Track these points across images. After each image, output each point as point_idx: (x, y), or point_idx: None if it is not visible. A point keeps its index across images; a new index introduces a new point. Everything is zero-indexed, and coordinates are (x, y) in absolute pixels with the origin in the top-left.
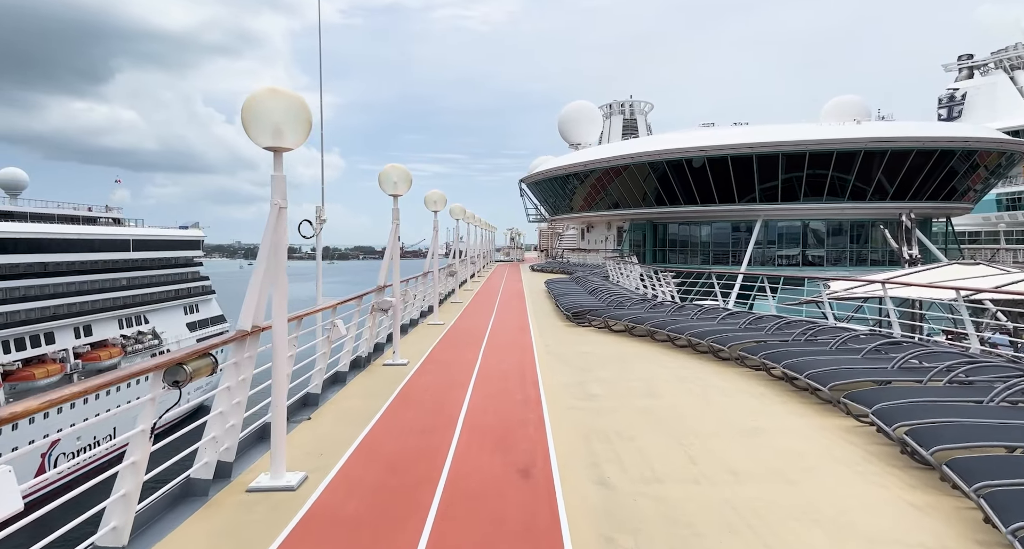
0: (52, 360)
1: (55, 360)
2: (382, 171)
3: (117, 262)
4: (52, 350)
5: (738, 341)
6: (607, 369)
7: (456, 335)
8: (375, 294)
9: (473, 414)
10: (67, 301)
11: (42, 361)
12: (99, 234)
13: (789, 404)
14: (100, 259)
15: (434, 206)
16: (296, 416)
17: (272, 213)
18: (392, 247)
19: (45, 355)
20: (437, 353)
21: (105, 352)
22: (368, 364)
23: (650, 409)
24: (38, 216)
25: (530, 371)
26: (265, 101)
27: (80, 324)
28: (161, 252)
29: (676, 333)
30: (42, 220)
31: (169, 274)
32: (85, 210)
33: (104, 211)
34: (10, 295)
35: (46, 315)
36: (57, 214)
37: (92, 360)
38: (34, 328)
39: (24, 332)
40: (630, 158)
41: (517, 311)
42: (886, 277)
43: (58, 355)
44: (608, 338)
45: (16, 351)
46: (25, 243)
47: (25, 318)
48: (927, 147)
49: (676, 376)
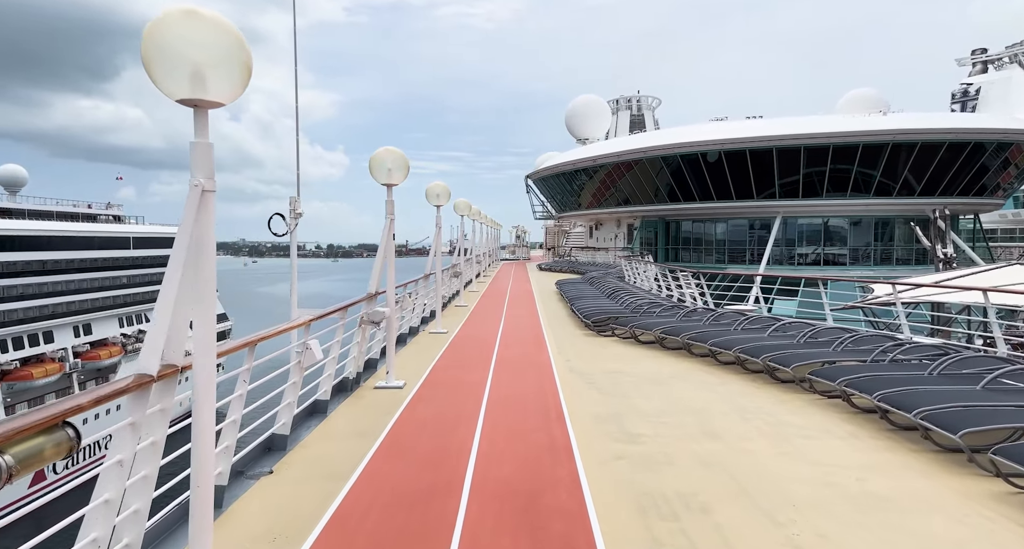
0: (51, 359)
1: (54, 359)
2: (373, 155)
3: (117, 260)
4: (51, 349)
5: (803, 361)
6: (645, 395)
7: (461, 347)
8: (365, 304)
9: (485, 467)
10: (66, 299)
11: (41, 360)
12: (99, 231)
13: (897, 453)
14: (100, 257)
15: (437, 200)
16: (253, 468)
17: (192, 198)
18: (385, 246)
19: (44, 354)
20: (439, 372)
21: (105, 351)
22: (356, 386)
23: (716, 458)
24: (37, 213)
25: (552, 398)
26: (178, 28)
27: (79, 323)
28: (162, 250)
29: (721, 348)
30: (41, 217)
31: None
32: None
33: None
34: (8, 293)
35: (45, 313)
36: (56, 211)
37: (92, 359)
38: (32, 327)
39: (22, 331)
40: (642, 152)
41: (528, 316)
42: (978, 283)
43: (57, 354)
44: (637, 351)
45: (14, 350)
46: (24, 240)
47: (23, 316)
48: (960, 139)
49: (734, 407)
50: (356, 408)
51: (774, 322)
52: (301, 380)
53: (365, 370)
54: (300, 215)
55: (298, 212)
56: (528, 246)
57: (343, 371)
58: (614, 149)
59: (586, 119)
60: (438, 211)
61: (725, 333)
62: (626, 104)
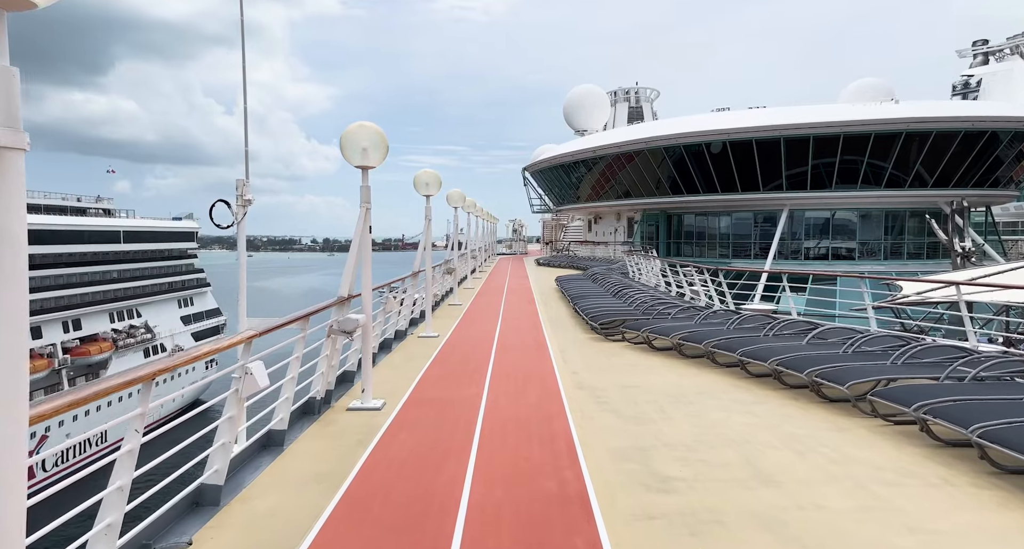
0: (39, 355)
1: (42, 355)
2: (345, 132)
3: (107, 254)
4: (39, 345)
5: (860, 377)
6: (671, 418)
7: (453, 355)
8: (335, 309)
9: (476, 533)
10: (55, 294)
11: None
12: (88, 225)
13: (1013, 509)
14: (90, 251)
15: (426, 190)
16: (165, 538)
17: None
18: (360, 241)
19: (32, 350)
20: (426, 387)
21: (95, 347)
22: (326, 407)
23: (778, 517)
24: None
25: (560, 423)
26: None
27: (69, 318)
28: (154, 244)
29: (754, 359)
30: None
31: (162, 266)
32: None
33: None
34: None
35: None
36: (44, 205)
37: (82, 355)
38: None
39: None
40: (643, 142)
41: (528, 317)
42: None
43: (45, 350)
44: (652, 360)
45: None
46: None
47: None
48: (977, 128)
49: (783, 436)
50: (322, 438)
51: (810, 327)
52: (243, 413)
53: (340, 385)
54: (249, 202)
55: (246, 198)
56: (525, 240)
57: (311, 389)
58: (614, 140)
59: (585, 110)
60: (428, 201)
61: (755, 340)
62: (624, 96)
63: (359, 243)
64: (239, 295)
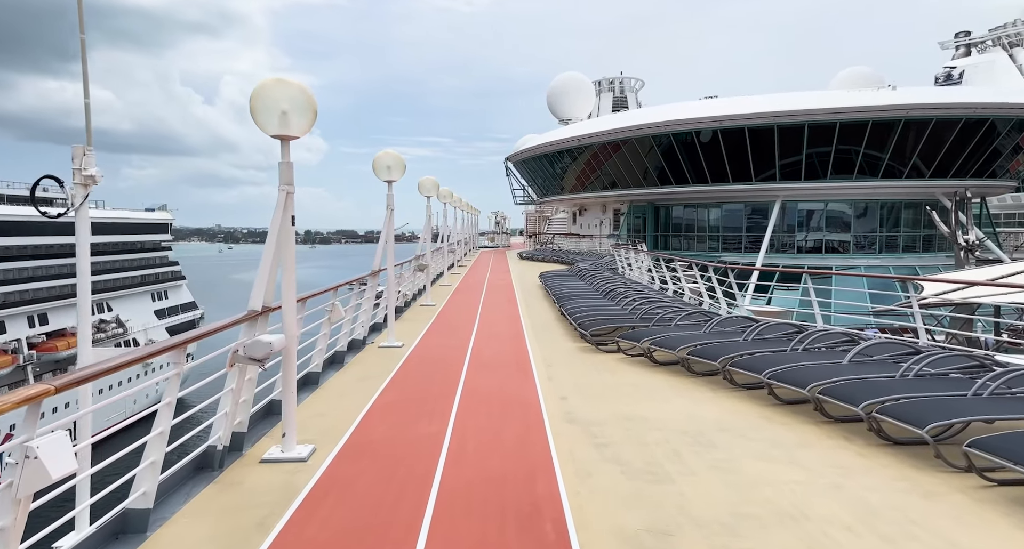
0: (3, 351)
1: (6, 351)
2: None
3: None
4: (2, 340)
5: (942, 416)
6: (693, 472)
7: (415, 373)
8: (244, 328)
9: None
10: (19, 288)
11: None
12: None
13: None
14: (55, 243)
15: (387, 174)
16: None
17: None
18: (279, 236)
19: None
20: (375, 421)
21: (63, 342)
22: (233, 457)
23: None
24: None
25: (546, 487)
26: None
27: (34, 312)
28: (125, 236)
29: (786, 384)
30: None
31: (134, 259)
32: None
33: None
34: None
35: None
36: (6, 195)
37: (48, 351)
38: None
39: None
40: (630, 131)
41: (508, 322)
42: None
43: (9, 346)
44: (655, 378)
45: None
46: None
47: None
48: (979, 115)
49: (852, 505)
50: (209, 514)
51: (847, 340)
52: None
53: (265, 419)
54: (92, 179)
55: (87, 174)
56: (508, 233)
57: (213, 437)
58: (600, 128)
59: (569, 97)
60: (389, 188)
61: (783, 357)
62: (608, 86)
63: (277, 239)
64: (78, 320)
